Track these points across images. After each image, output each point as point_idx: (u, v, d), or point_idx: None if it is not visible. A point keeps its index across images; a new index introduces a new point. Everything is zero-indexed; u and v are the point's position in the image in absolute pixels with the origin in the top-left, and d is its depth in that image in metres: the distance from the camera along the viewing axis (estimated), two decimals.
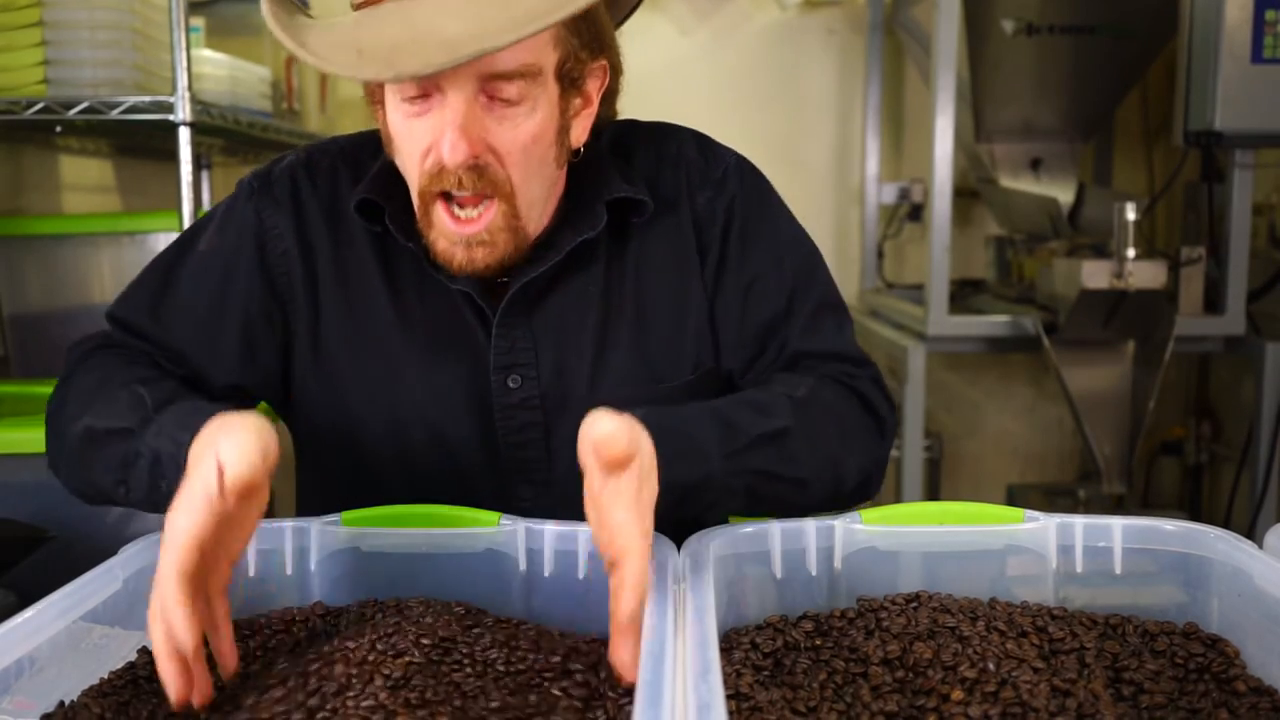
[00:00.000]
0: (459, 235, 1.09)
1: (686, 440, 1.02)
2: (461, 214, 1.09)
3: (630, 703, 0.72)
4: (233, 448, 0.85)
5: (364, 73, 0.99)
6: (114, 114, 1.96)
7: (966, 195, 3.50)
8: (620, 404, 0.93)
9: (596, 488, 0.87)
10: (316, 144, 1.28)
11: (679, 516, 1.01)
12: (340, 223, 1.21)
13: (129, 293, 1.23)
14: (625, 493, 0.86)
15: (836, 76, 3.70)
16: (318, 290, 1.22)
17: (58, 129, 2.24)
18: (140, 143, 2.62)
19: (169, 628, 0.82)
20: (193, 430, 0.92)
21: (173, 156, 1.94)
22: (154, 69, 2.08)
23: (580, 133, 1.17)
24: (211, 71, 2.35)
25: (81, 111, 1.95)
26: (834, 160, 3.73)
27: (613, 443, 0.84)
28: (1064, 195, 3.16)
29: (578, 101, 1.15)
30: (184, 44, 1.92)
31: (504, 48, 0.97)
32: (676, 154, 1.26)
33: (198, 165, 2.18)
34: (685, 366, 1.23)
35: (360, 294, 1.21)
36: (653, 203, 1.21)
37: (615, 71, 1.20)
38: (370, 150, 1.24)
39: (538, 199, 1.14)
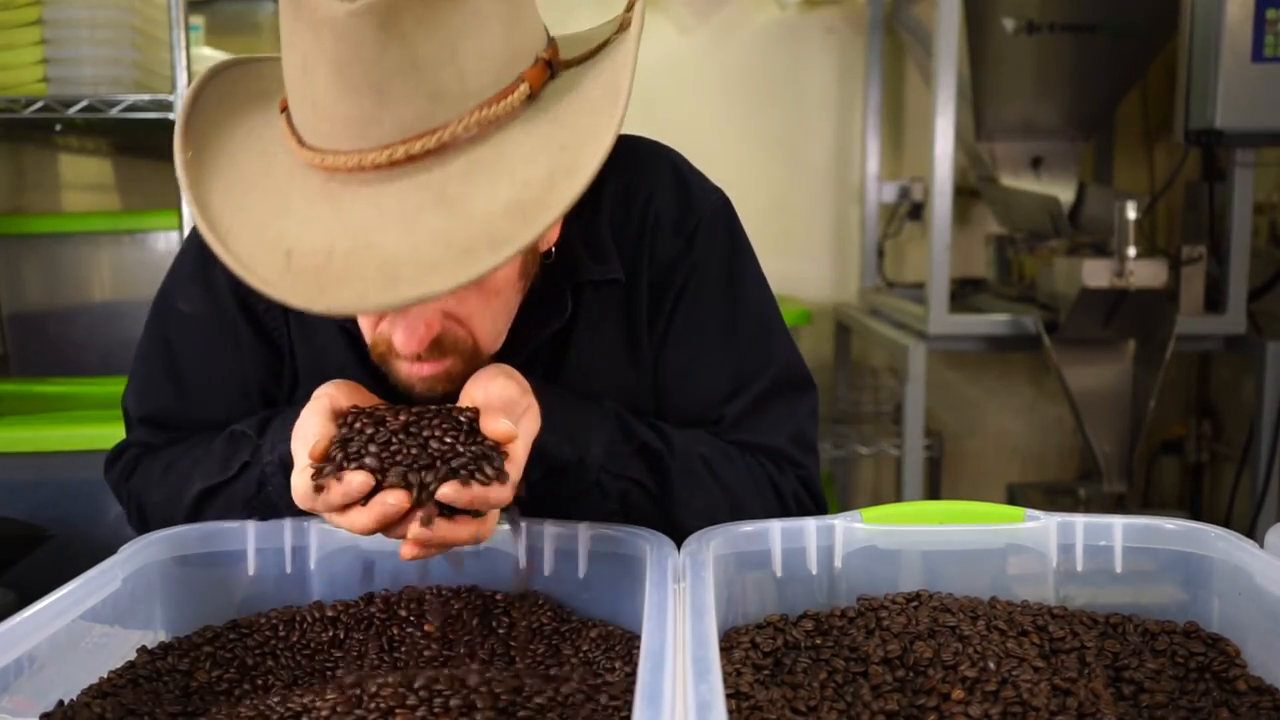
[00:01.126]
0: (418, 378, 0.99)
1: (571, 421, 1.03)
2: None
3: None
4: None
5: (293, 297, 0.82)
6: (113, 112, 1.96)
7: (967, 194, 3.50)
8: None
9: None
10: None
11: (549, 495, 1.04)
12: None
13: (143, 386, 1.17)
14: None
15: (836, 75, 3.70)
16: (293, 343, 1.15)
17: (57, 127, 2.24)
18: (140, 141, 2.62)
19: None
20: None
21: (172, 155, 1.94)
22: (153, 67, 2.08)
23: (552, 236, 1.06)
24: None
25: (81, 110, 1.95)
26: (834, 159, 3.73)
27: (496, 421, 0.88)
28: (1064, 194, 3.16)
29: None
30: (183, 42, 1.92)
31: (446, 293, 0.81)
32: (649, 196, 1.15)
33: None
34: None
35: (324, 349, 1.14)
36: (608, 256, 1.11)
37: None
38: None
39: (503, 330, 1.04)
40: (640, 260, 1.14)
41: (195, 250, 1.15)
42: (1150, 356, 2.80)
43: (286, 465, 0.99)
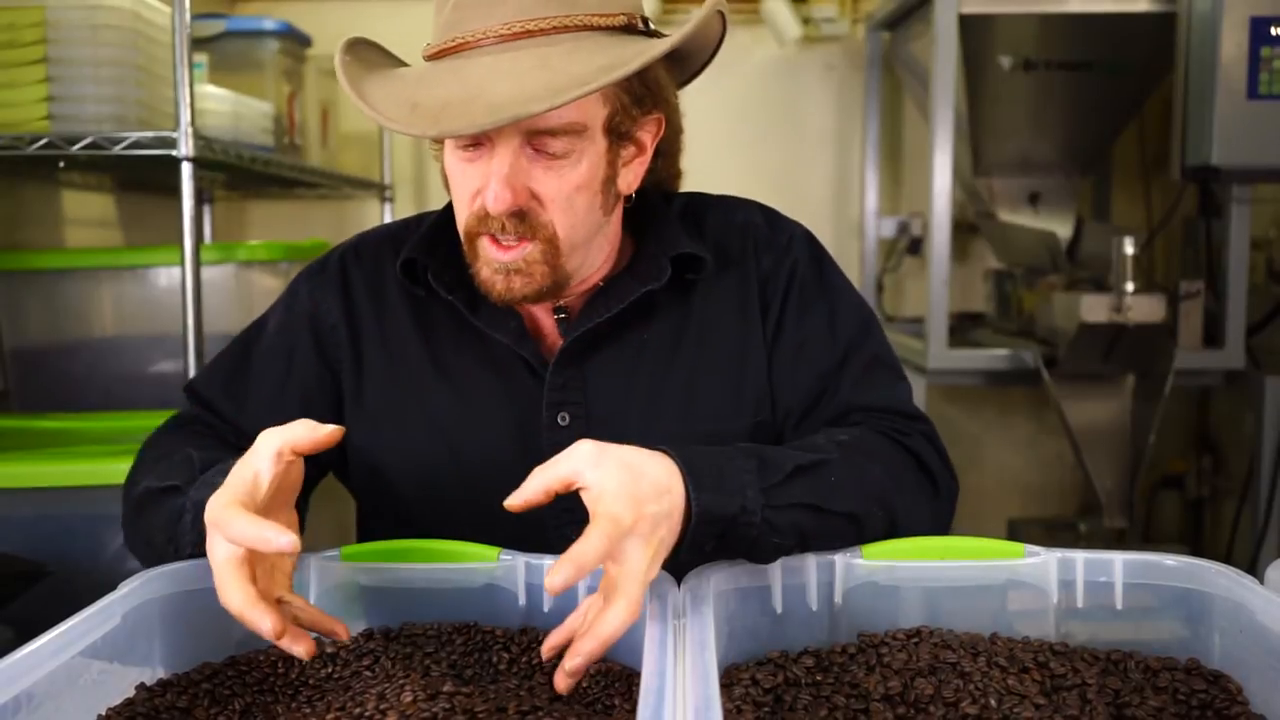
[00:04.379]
0: (499, 262, 1.15)
1: (716, 472, 0.99)
2: (504, 240, 1.15)
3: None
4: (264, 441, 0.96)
5: (413, 128, 1.06)
6: (117, 149, 1.96)
7: (965, 229, 3.51)
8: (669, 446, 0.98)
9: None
10: (369, 230, 1.38)
11: (730, 559, 1.01)
12: (382, 296, 1.30)
13: (210, 367, 1.33)
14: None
15: (835, 111, 3.72)
16: (361, 353, 1.29)
17: (61, 164, 2.24)
18: (142, 177, 2.63)
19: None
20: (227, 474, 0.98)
21: (175, 191, 1.95)
22: (157, 104, 2.09)
23: (632, 179, 1.22)
24: (214, 107, 2.36)
25: (85, 147, 1.96)
26: (833, 194, 3.75)
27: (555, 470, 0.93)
28: (1062, 229, 3.17)
29: (629, 150, 1.20)
30: (187, 80, 1.93)
31: (539, 114, 1.03)
32: (745, 221, 1.32)
33: (200, 200, 2.18)
34: (743, 416, 1.26)
35: (399, 354, 1.28)
36: (719, 262, 1.27)
37: (673, 127, 1.25)
38: (413, 232, 1.30)
39: (581, 242, 1.18)
40: (745, 263, 1.29)
41: (290, 288, 1.34)
42: (1149, 391, 2.80)
43: (199, 511, 0.99)
